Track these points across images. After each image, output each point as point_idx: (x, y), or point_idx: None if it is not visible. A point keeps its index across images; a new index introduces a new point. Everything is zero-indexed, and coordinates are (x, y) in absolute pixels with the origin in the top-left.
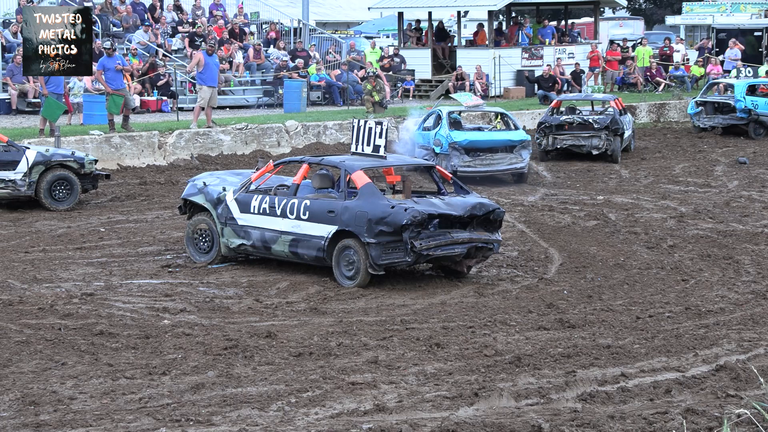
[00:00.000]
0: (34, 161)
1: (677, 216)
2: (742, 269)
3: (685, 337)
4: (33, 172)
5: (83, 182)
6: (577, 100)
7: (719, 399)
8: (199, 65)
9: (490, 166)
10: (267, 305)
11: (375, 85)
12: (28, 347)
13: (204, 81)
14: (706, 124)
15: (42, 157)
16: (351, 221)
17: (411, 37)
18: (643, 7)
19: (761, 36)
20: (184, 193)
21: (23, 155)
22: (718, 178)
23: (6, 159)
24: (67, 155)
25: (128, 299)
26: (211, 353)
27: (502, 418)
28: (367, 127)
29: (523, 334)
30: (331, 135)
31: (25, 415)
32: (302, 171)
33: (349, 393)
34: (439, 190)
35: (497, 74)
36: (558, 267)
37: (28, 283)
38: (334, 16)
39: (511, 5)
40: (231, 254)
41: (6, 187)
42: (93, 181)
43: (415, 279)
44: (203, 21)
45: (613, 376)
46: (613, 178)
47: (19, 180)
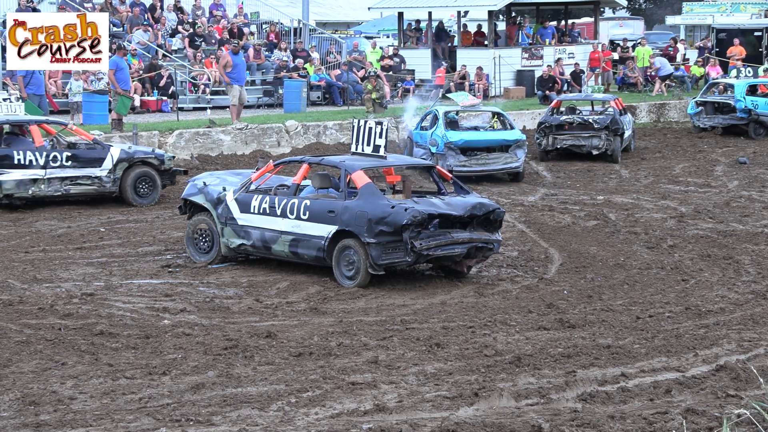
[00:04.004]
0: (119, 158)
1: (677, 216)
2: (742, 269)
3: (685, 337)
4: (117, 168)
5: (162, 178)
6: (577, 100)
7: (719, 399)
8: (228, 65)
9: (485, 165)
10: (267, 305)
11: (375, 85)
12: (28, 347)
13: (233, 80)
14: (706, 124)
15: (125, 154)
16: (351, 221)
17: (411, 37)
18: (643, 7)
19: (761, 36)
20: (184, 193)
21: (108, 153)
22: (718, 178)
23: (92, 156)
24: (148, 152)
25: (128, 299)
26: (211, 353)
27: (502, 418)
28: (367, 127)
29: (523, 334)
30: (331, 135)
31: (25, 415)
32: (302, 171)
33: (349, 393)
34: (439, 190)
35: (497, 74)
36: (558, 267)
37: (28, 283)
38: (334, 16)
39: (511, 5)
40: (231, 254)
41: (92, 183)
42: (171, 177)
43: (415, 279)
44: (203, 21)
45: (613, 376)
46: (613, 178)
47: (104, 177)
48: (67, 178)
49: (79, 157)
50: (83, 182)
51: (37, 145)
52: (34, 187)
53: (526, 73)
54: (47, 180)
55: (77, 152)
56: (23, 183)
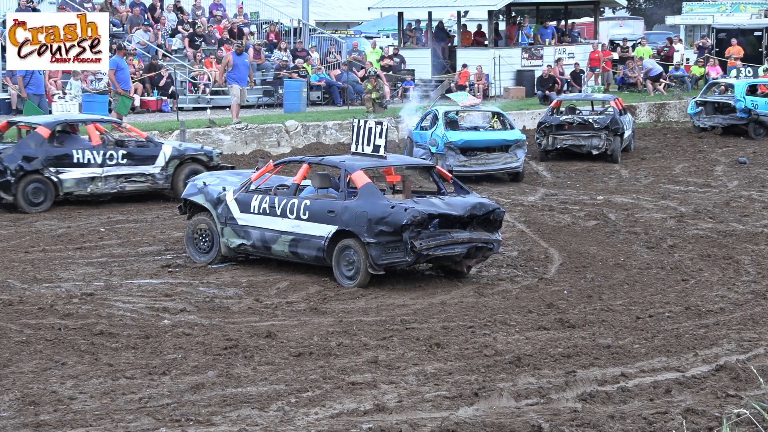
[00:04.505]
0: (171, 156)
1: (677, 216)
2: (742, 269)
3: (685, 337)
4: (169, 165)
5: None
6: (577, 100)
7: (719, 399)
8: (229, 65)
9: (485, 165)
10: (267, 305)
11: (375, 85)
12: (28, 347)
13: (234, 80)
14: (706, 124)
15: (177, 151)
16: (351, 221)
17: (411, 37)
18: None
19: (761, 36)
20: (184, 193)
21: (160, 150)
22: (718, 178)
23: (145, 154)
24: (198, 149)
25: (128, 299)
26: (211, 353)
27: (502, 418)
28: (367, 127)
29: (523, 334)
30: (331, 135)
31: (25, 415)
32: (302, 171)
33: (349, 393)
34: (439, 190)
35: (497, 74)
36: (558, 267)
37: (28, 283)
38: (334, 16)
39: (511, 5)
40: (231, 254)
41: (146, 180)
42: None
43: (415, 279)
44: (203, 21)
45: (613, 376)
46: (613, 178)
47: (157, 174)
48: (122, 176)
49: (134, 155)
50: (137, 179)
51: (94, 143)
52: (92, 185)
53: (526, 73)
54: (104, 178)
55: (132, 150)
56: (82, 181)
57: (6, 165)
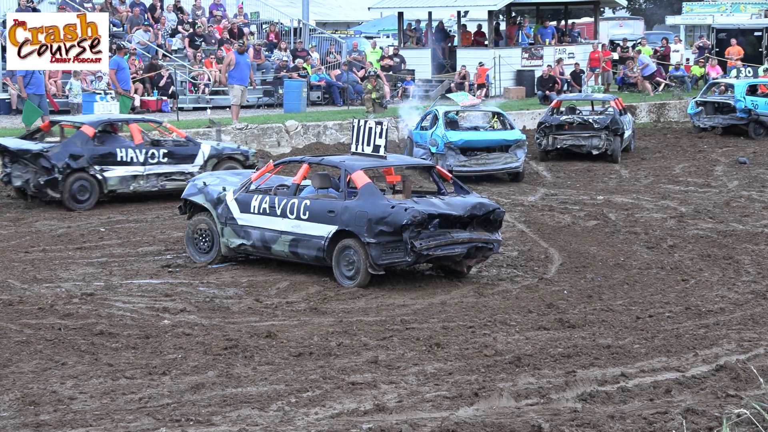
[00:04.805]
0: (209, 155)
1: (677, 216)
2: (742, 269)
3: (685, 337)
4: (208, 164)
5: None
6: (577, 100)
7: (719, 399)
8: (231, 64)
9: (485, 165)
10: (267, 305)
11: (375, 85)
12: (28, 347)
13: (235, 80)
14: (706, 124)
15: (215, 151)
16: (351, 221)
17: (411, 37)
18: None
19: (761, 36)
20: (185, 193)
21: (199, 149)
22: (718, 178)
23: (185, 153)
24: (234, 149)
25: (128, 299)
26: (211, 353)
27: (502, 418)
28: (367, 127)
29: (523, 334)
30: (331, 135)
31: (25, 415)
32: (302, 171)
33: (349, 393)
34: (439, 190)
35: (497, 74)
36: (558, 267)
37: (28, 283)
38: (334, 16)
39: (511, 5)
40: (231, 254)
41: (185, 179)
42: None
43: (415, 279)
44: (203, 21)
45: (613, 376)
46: (613, 178)
47: (196, 173)
48: (162, 174)
49: (174, 153)
50: (177, 178)
51: (137, 142)
52: (134, 183)
53: (526, 73)
54: (146, 176)
55: (172, 149)
56: (125, 179)
57: (54, 163)
